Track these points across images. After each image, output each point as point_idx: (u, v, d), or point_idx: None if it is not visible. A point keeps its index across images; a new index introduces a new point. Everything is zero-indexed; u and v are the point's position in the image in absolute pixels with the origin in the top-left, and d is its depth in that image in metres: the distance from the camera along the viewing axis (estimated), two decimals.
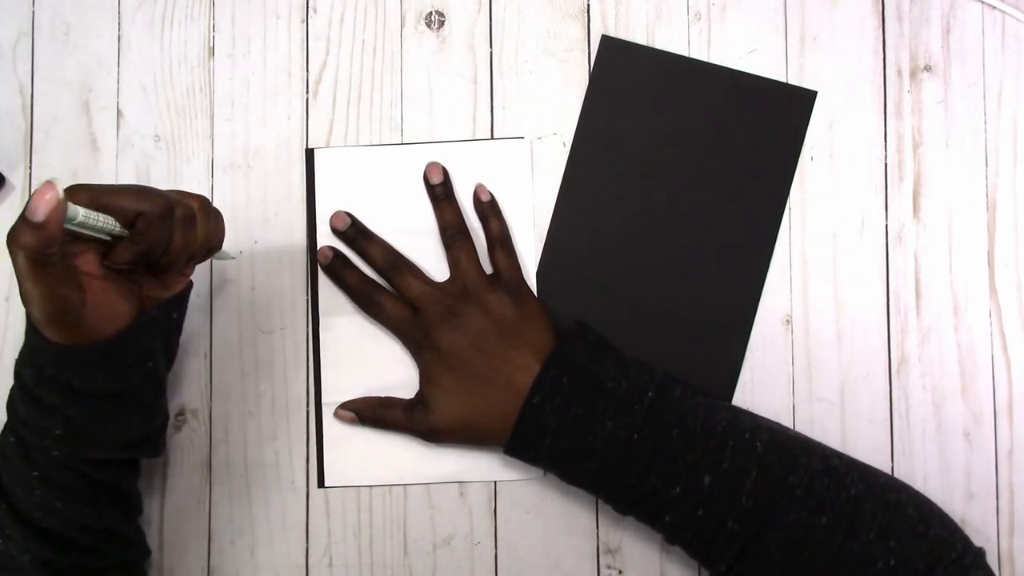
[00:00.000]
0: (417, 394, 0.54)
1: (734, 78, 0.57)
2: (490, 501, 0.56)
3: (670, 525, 0.48)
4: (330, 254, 0.55)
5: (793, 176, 0.57)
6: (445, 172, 0.56)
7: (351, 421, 0.55)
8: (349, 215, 0.56)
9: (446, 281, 0.54)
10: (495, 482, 0.56)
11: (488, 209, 0.55)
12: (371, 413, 0.55)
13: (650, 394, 0.49)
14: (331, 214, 0.56)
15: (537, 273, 0.57)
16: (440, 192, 0.55)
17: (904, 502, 0.47)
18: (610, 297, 0.56)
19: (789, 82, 0.57)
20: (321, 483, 0.56)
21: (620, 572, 0.55)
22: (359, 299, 0.55)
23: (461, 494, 0.56)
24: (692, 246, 0.56)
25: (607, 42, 0.57)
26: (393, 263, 0.54)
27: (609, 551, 0.55)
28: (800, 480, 0.47)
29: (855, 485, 0.47)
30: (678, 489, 0.47)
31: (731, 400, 0.56)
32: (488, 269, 0.55)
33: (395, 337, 0.55)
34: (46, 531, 0.46)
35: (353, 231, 0.55)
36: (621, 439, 0.48)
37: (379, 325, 0.56)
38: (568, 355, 0.51)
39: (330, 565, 0.55)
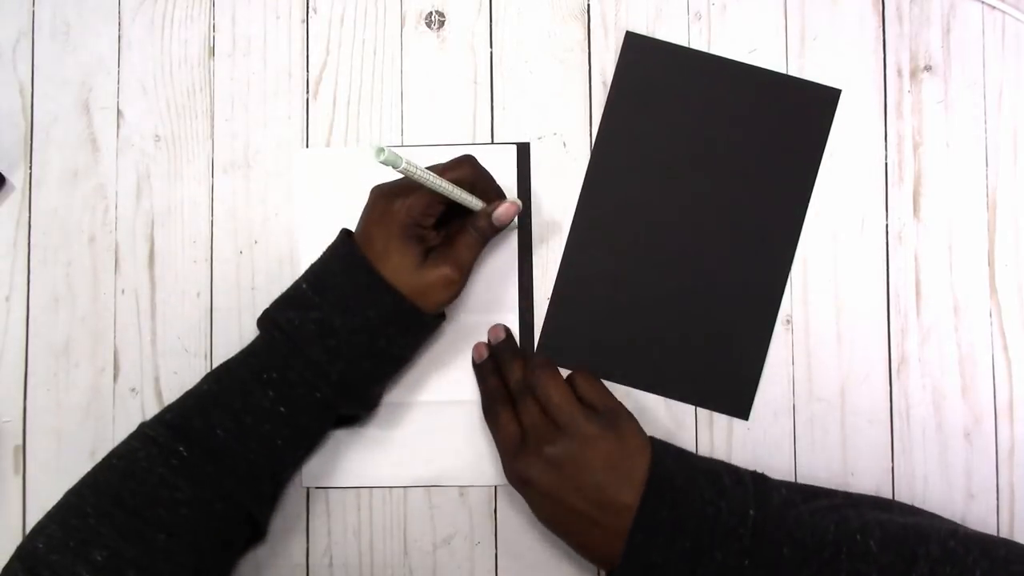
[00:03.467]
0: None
1: (759, 76, 0.57)
2: (490, 501, 0.56)
3: None
4: (485, 354, 0.55)
5: (816, 176, 0.57)
6: (506, 330, 0.56)
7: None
8: (506, 329, 0.56)
9: (550, 417, 0.51)
10: (495, 486, 0.56)
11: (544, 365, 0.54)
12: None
13: (751, 512, 0.47)
14: (491, 326, 0.56)
15: (557, 274, 0.57)
16: (504, 348, 0.55)
17: None
18: (631, 300, 0.56)
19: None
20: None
21: None
22: (486, 403, 0.54)
23: (461, 495, 0.56)
24: (715, 248, 0.56)
25: (631, 39, 0.57)
26: (523, 388, 0.53)
27: None
28: (923, 573, 0.45)
29: (978, 565, 0.45)
30: None
31: (750, 410, 0.56)
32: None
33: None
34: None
35: (504, 346, 0.55)
36: (732, 568, 0.46)
37: None
38: (665, 479, 0.48)
39: (330, 565, 0.55)
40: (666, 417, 0.56)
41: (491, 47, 0.58)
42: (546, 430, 0.50)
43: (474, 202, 0.51)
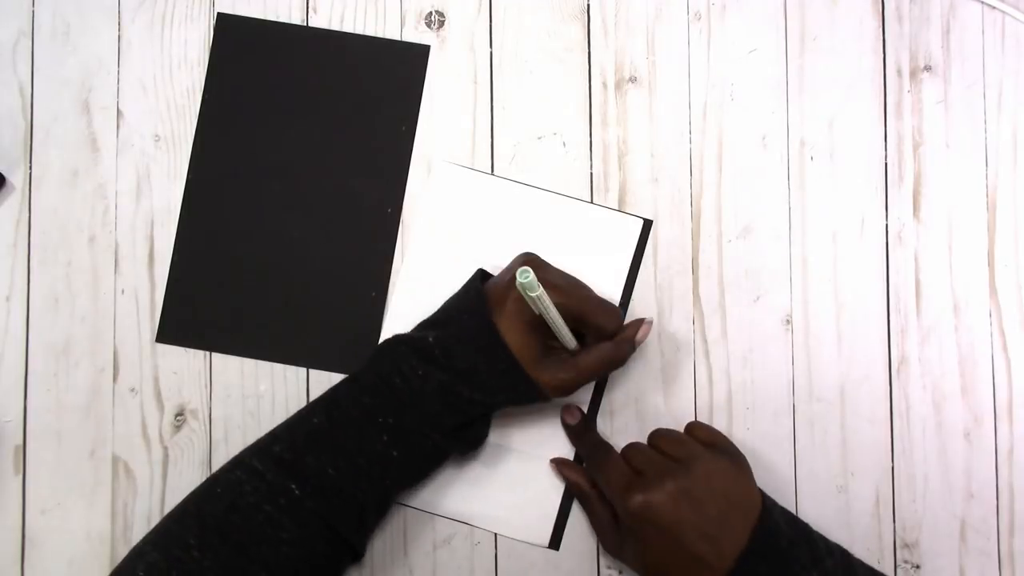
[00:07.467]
0: (622, 529, 0.53)
1: (350, 41, 0.57)
2: None
3: None
4: (579, 416, 0.55)
5: (416, 129, 0.57)
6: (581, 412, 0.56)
7: (559, 478, 0.55)
8: (580, 410, 0.55)
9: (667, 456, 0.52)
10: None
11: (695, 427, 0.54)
12: (580, 492, 0.54)
13: None
14: (563, 407, 0.55)
15: (169, 276, 0.57)
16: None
17: None
18: (251, 286, 0.57)
19: (786, 81, 0.57)
20: None
21: (620, 572, 0.55)
22: (590, 455, 0.54)
23: None
24: (327, 217, 0.57)
25: (224, 20, 0.57)
26: (628, 445, 0.54)
27: None
28: None
29: None
30: None
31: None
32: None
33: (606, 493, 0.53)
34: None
35: (581, 426, 0.55)
36: None
37: None
38: (772, 533, 0.49)
39: None
40: (664, 414, 0.56)
41: (491, 47, 0.58)
42: (666, 465, 0.50)
43: (570, 341, 0.51)
